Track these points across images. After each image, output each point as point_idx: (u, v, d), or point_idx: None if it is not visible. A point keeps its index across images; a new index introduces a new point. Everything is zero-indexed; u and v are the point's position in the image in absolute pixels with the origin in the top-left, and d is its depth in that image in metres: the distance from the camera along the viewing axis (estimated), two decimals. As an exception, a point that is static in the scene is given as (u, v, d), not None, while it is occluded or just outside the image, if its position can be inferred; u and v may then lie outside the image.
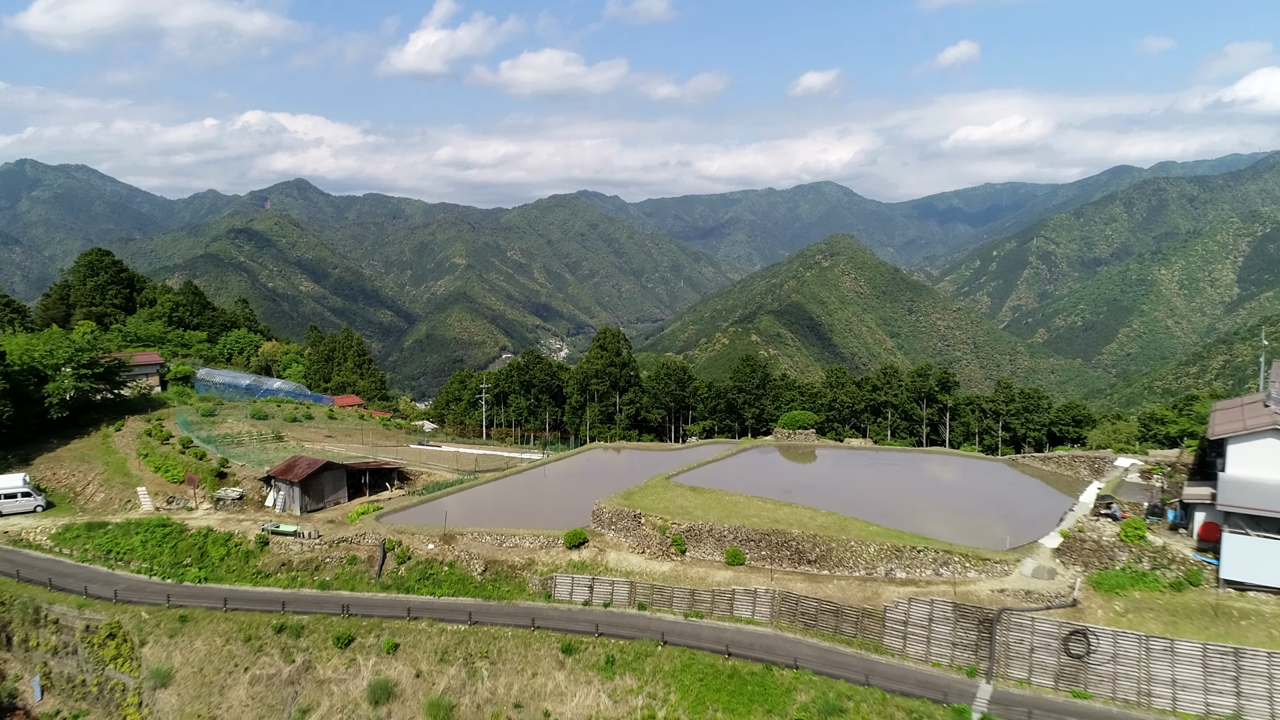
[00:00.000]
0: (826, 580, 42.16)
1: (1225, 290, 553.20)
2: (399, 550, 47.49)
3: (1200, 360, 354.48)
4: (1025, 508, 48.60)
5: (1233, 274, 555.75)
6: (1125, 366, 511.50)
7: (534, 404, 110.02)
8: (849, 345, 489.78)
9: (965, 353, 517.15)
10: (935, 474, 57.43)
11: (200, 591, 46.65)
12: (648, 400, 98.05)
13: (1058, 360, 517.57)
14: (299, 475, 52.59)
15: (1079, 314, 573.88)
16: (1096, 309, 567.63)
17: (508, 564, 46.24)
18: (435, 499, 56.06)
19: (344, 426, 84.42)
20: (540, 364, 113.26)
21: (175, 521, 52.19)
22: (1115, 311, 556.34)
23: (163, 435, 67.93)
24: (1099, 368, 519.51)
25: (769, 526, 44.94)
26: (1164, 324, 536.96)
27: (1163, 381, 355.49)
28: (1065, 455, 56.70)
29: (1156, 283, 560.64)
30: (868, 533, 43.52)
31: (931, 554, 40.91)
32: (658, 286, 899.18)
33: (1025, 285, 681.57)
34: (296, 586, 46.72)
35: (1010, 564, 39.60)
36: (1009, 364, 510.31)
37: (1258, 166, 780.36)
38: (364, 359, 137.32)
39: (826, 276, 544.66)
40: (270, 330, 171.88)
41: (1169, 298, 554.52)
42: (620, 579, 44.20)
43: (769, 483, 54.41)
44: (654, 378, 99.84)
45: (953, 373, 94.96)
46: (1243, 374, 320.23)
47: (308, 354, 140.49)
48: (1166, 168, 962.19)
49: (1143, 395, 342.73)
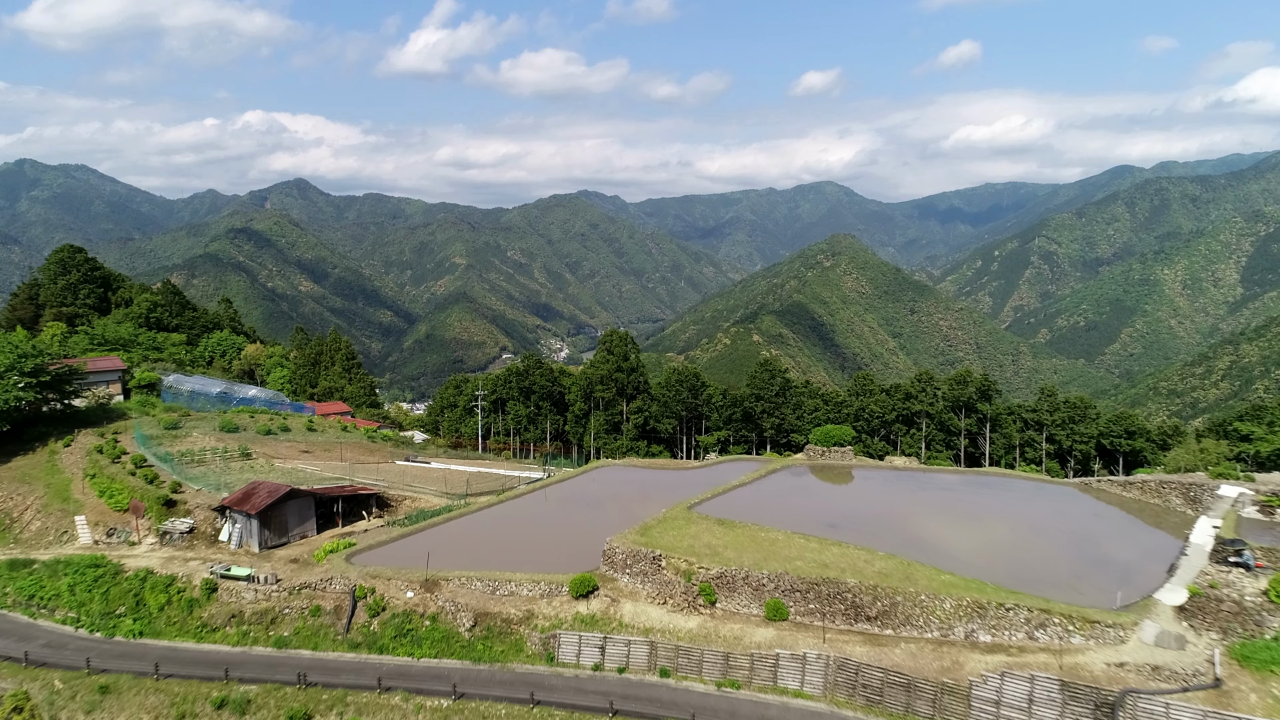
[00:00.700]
0: (891, 643, 34.46)
1: (1229, 290, 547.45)
2: (372, 599, 39.71)
3: (1206, 360, 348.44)
4: (1121, 548, 40.90)
5: (1236, 274, 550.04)
6: (1128, 367, 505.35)
7: (534, 412, 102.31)
8: (851, 345, 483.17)
9: (968, 353, 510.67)
10: (1000, 502, 49.61)
11: (132, 649, 38.86)
12: (657, 409, 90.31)
13: (1060, 360, 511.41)
14: (257, 506, 44.79)
15: (1081, 314, 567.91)
16: (1099, 309, 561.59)
17: (502, 617, 38.48)
18: (418, 531, 48.28)
19: (324, 440, 76.57)
20: (541, 369, 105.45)
21: (110, 561, 44.38)
22: (1118, 311, 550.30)
23: (115, 452, 60.14)
24: (1102, 368, 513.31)
25: (817, 573, 37.24)
26: (1167, 324, 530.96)
27: (1168, 382, 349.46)
28: (1151, 480, 49.02)
29: (1159, 282, 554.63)
30: (939, 583, 35.84)
31: (1024, 613, 33.24)
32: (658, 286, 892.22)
33: (1027, 285, 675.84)
34: (248, 644, 38.92)
35: (1126, 627, 31.95)
36: (1011, 364, 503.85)
37: (1260, 166, 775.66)
38: (353, 362, 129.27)
39: (828, 276, 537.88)
40: (255, 331, 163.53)
41: (1172, 298, 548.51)
42: (638, 638, 36.48)
43: (808, 513, 46.74)
44: (664, 385, 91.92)
45: (994, 380, 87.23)
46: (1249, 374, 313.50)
47: (294, 357, 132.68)
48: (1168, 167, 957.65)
49: (1148, 396, 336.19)
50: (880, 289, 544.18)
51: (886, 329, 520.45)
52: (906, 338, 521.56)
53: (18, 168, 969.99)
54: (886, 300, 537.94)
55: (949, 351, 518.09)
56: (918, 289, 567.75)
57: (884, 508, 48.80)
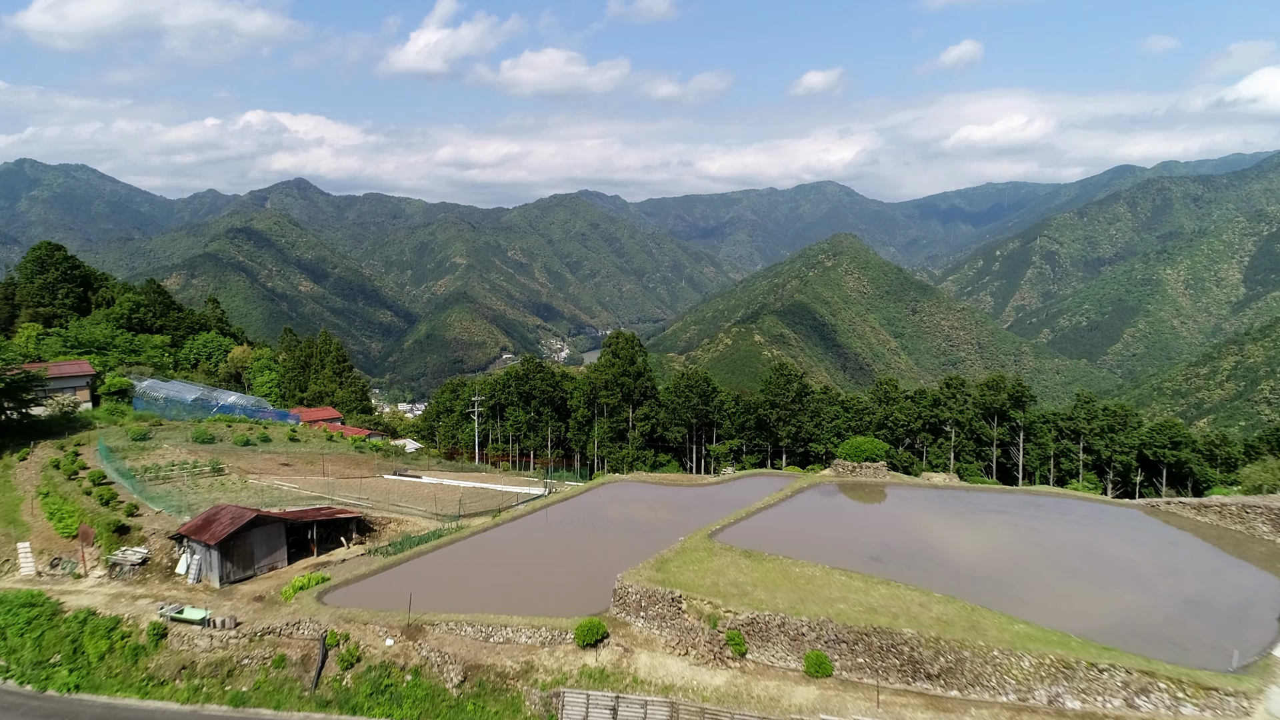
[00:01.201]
0: (959, 707, 28.97)
1: (1232, 290, 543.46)
2: (345, 648, 34.19)
3: (1211, 361, 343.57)
4: (1215, 587, 35.37)
5: (1239, 274, 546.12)
6: (1131, 367, 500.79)
7: (534, 418, 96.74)
8: (853, 346, 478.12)
9: (970, 353, 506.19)
10: (1061, 528, 43.58)
11: (65, 707, 33.34)
12: (665, 416, 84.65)
13: (1063, 360, 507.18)
14: (218, 535, 39.27)
15: (1084, 314, 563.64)
16: (1101, 309, 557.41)
17: (496, 670, 32.96)
18: (402, 562, 42.76)
19: (307, 451, 71.03)
20: (541, 372, 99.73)
21: (48, 599, 38.80)
22: (1120, 311, 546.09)
23: (73, 467, 54.62)
24: (1104, 368, 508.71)
25: (865, 620, 31.75)
26: (1170, 324, 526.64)
27: (1172, 383, 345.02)
28: (1230, 503, 43.48)
29: (1162, 282, 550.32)
30: (1013, 634, 30.35)
31: (1121, 674, 27.77)
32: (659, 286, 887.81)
33: (1029, 285, 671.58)
34: (199, 700, 33.40)
35: (1249, 696, 26.50)
36: (1014, 364, 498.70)
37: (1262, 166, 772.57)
38: (344, 365, 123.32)
39: (830, 276, 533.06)
40: (244, 333, 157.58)
41: (1175, 298, 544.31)
42: (656, 697, 31.00)
43: (846, 543, 41.27)
44: (673, 390, 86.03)
45: (1028, 386, 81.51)
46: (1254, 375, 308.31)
47: (282, 360, 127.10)
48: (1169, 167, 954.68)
49: (1152, 397, 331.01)
50: (882, 289, 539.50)
51: (888, 329, 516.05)
52: (908, 338, 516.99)
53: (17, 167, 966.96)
54: (888, 300, 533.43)
55: (951, 352, 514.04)
56: (920, 289, 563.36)
57: (931, 536, 43.26)
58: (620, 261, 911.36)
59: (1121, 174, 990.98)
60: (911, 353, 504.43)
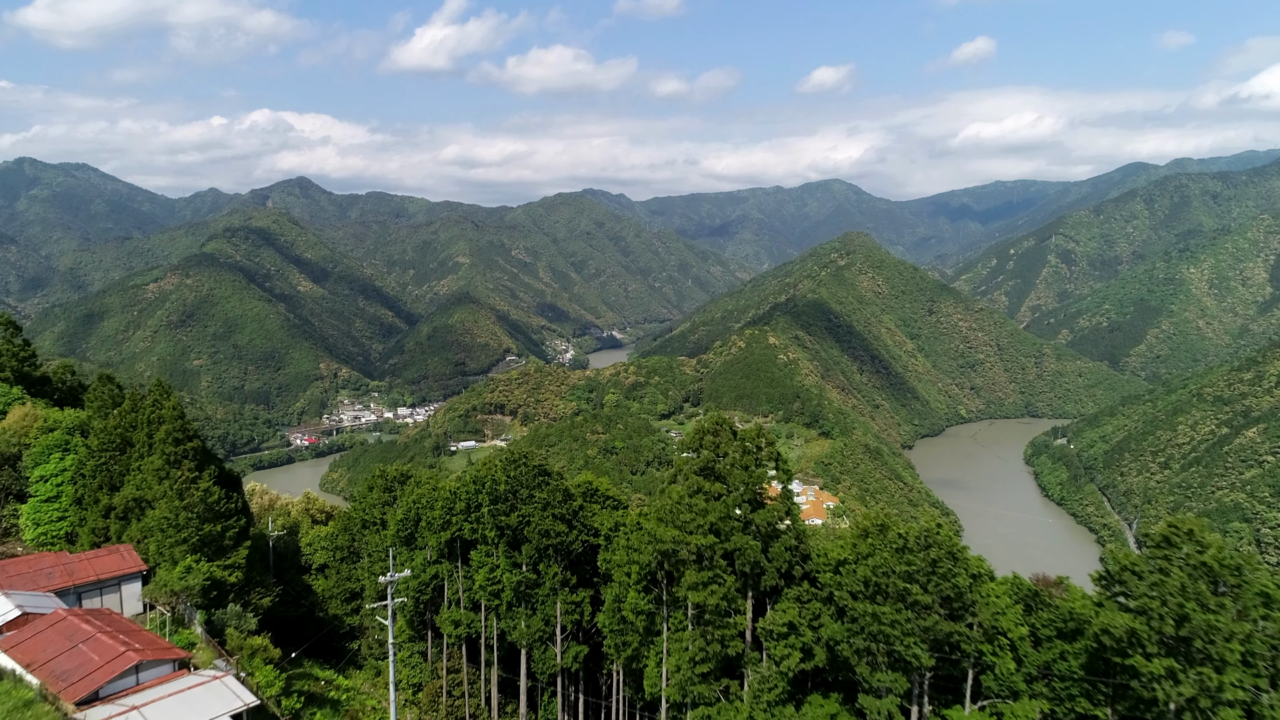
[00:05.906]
0: None
1: (1258, 289, 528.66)
2: None
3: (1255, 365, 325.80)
4: None
5: (1265, 272, 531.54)
6: (1155, 369, 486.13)
7: (527, 582, 49.76)
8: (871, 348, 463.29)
9: (988, 355, 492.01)
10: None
11: None
12: (837, 627, 36.96)
13: (1085, 362, 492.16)
14: None
15: (1104, 314, 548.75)
16: (1123, 309, 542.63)
17: None
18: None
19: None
20: (545, 483, 50.78)
21: None
22: (1142, 312, 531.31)
23: None
24: (1127, 370, 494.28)
25: None
26: (1195, 325, 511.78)
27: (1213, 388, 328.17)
28: None
29: (1185, 282, 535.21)
30: None
31: None
32: (665, 286, 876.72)
33: (1044, 284, 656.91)
34: None
35: None
36: (1035, 366, 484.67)
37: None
38: (184, 444, 48.54)
39: (843, 276, 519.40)
40: (66, 374, 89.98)
41: (1199, 297, 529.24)
42: None
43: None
44: (869, 578, 35.26)
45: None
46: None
47: (95, 429, 57.34)
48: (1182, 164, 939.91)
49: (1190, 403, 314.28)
50: (896, 288, 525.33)
51: (904, 330, 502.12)
52: (925, 339, 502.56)
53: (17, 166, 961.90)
54: (904, 300, 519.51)
55: (969, 354, 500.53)
56: (936, 289, 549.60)
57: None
58: (626, 261, 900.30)
59: (1134, 171, 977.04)
60: (929, 354, 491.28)
